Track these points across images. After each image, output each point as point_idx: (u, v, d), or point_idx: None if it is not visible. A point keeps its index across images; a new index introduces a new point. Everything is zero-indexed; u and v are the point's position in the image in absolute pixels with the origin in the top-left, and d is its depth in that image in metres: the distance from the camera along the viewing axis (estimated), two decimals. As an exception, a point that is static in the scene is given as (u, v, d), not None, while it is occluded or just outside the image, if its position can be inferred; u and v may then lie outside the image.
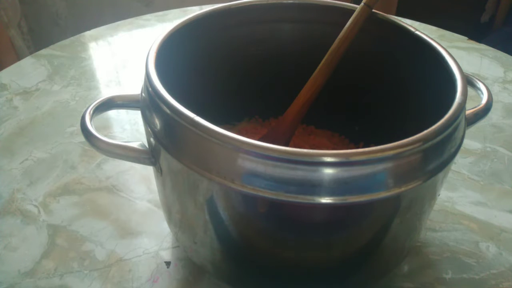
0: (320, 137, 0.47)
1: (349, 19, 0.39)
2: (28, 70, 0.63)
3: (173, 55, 0.35)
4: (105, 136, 0.31)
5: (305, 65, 0.41)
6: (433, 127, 0.26)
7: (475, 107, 0.35)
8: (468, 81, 0.35)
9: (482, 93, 0.36)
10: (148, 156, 0.31)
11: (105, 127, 0.54)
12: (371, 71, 0.40)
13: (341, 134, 0.47)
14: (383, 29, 0.38)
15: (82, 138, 0.33)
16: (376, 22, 0.38)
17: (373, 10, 0.38)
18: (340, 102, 0.43)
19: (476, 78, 0.37)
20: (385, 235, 0.30)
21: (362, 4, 0.37)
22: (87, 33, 0.73)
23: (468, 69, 0.64)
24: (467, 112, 0.33)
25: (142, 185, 0.46)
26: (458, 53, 0.68)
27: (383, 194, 0.26)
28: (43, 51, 0.68)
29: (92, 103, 0.33)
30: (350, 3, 0.40)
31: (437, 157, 0.27)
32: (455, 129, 0.28)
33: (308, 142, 0.46)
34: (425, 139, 0.26)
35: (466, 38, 0.72)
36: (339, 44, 0.37)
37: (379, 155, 0.25)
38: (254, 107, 0.46)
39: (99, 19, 0.82)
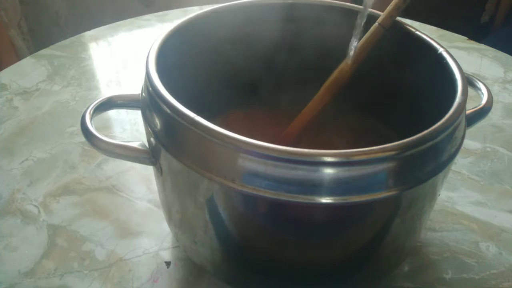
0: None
1: (349, 19, 0.39)
2: (28, 70, 0.63)
3: (173, 55, 0.35)
4: (105, 136, 0.31)
5: (306, 66, 0.41)
6: (433, 127, 0.26)
7: (475, 107, 0.35)
8: (468, 81, 0.35)
9: (482, 93, 0.36)
10: (148, 156, 0.31)
11: (105, 127, 0.54)
12: (371, 71, 0.40)
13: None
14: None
15: (82, 138, 0.33)
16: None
17: (373, 10, 0.38)
18: (339, 102, 0.43)
19: (476, 78, 0.37)
20: (385, 235, 0.30)
21: (376, 24, 0.36)
22: (87, 33, 0.73)
23: (468, 69, 0.64)
24: (467, 112, 0.33)
25: (142, 185, 0.46)
26: (458, 53, 0.68)
27: (383, 194, 0.26)
28: (43, 51, 0.68)
29: (92, 103, 0.33)
30: (350, 2, 0.40)
31: (437, 157, 0.27)
32: (455, 129, 0.28)
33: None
34: (425, 139, 0.26)
35: (466, 38, 0.72)
36: (350, 63, 0.37)
37: (379, 155, 0.25)
38: (255, 107, 0.46)
39: (99, 19, 0.82)
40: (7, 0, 1.04)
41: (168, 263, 0.39)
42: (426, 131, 0.26)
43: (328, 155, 0.24)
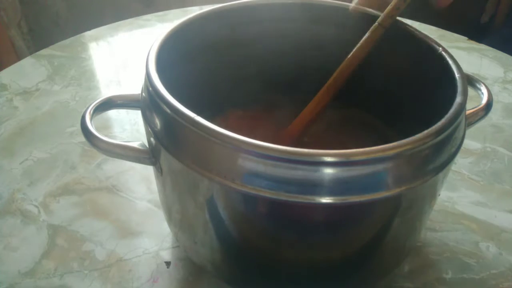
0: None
1: (348, 19, 0.39)
2: (28, 70, 0.63)
3: (173, 55, 0.35)
4: (105, 136, 0.31)
5: (305, 65, 0.41)
6: (433, 127, 0.26)
7: (475, 107, 0.35)
8: (468, 81, 0.35)
9: (482, 93, 0.36)
10: (148, 156, 0.31)
11: (105, 127, 0.54)
12: (371, 71, 0.40)
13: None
14: (383, 29, 0.38)
15: (82, 138, 0.33)
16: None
17: (373, 11, 0.38)
18: (339, 102, 0.43)
19: (476, 78, 0.37)
20: (385, 235, 0.30)
21: (376, 24, 0.36)
22: (87, 33, 0.73)
23: (468, 69, 0.64)
24: (467, 112, 0.33)
25: (142, 185, 0.46)
26: (458, 53, 0.68)
27: (383, 194, 0.26)
28: (43, 51, 0.68)
29: (92, 103, 0.33)
30: (350, 3, 0.40)
31: (437, 157, 0.27)
32: (455, 129, 0.28)
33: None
34: (425, 139, 0.26)
35: (466, 38, 0.72)
36: (349, 63, 0.37)
37: (379, 155, 0.25)
38: (255, 106, 0.46)
39: (99, 19, 0.82)
40: (7, 0, 1.04)
41: (168, 263, 0.39)
42: (426, 131, 0.26)
43: (328, 155, 0.24)
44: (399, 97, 0.39)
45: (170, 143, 0.28)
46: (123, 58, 0.68)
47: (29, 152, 0.50)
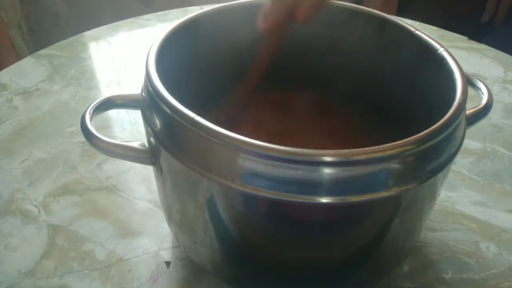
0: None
1: (346, 19, 0.38)
2: (28, 70, 0.63)
3: (173, 55, 0.35)
4: (105, 136, 0.31)
5: (305, 65, 0.41)
6: (433, 127, 0.26)
7: (475, 107, 0.35)
8: (468, 81, 0.35)
9: (482, 93, 0.36)
10: (148, 155, 0.31)
11: (105, 127, 0.54)
12: (371, 71, 0.40)
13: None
14: (383, 29, 0.38)
15: (82, 138, 0.33)
16: (376, 22, 0.38)
17: (373, 10, 0.38)
18: (339, 102, 0.43)
19: (476, 78, 0.37)
20: (385, 235, 0.30)
21: None
22: (87, 33, 0.73)
23: (468, 69, 0.64)
24: (467, 112, 0.33)
25: (142, 185, 0.46)
26: (458, 53, 0.68)
27: (383, 194, 0.26)
28: (43, 51, 0.68)
29: (92, 103, 0.33)
30: (350, 3, 0.40)
31: (437, 157, 0.27)
32: (455, 129, 0.28)
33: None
34: (425, 139, 0.26)
35: (466, 38, 0.72)
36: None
37: (379, 155, 0.25)
38: (256, 106, 0.46)
39: (99, 19, 0.82)
40: (7, 0, 1.04)
41: (168, 263, 0.39)
42: (426, 131, 0.26)
43: (328, 155, 0.24)
44: (399, 97, 0.39)
45: (170, 143, 0.28)
46: (123, 58, 0.68)
47: (29, 152, 0.50)
